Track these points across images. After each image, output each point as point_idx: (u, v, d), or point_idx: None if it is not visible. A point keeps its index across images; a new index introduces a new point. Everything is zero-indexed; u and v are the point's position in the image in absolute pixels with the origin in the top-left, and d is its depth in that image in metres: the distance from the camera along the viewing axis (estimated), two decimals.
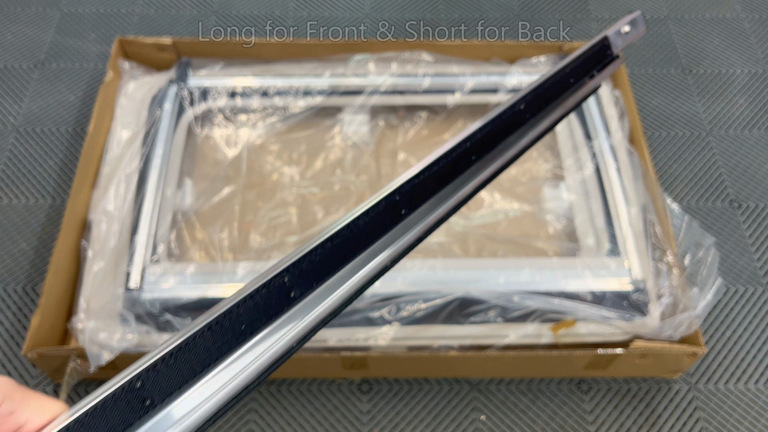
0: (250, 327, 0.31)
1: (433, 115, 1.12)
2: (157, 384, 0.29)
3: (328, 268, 0.34)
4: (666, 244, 0.91)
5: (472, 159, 0.42)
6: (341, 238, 0.34)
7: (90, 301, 0.84)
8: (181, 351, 0.29)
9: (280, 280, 0.32)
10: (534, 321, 0.85)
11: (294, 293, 0.33)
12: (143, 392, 0.28)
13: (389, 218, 0.38)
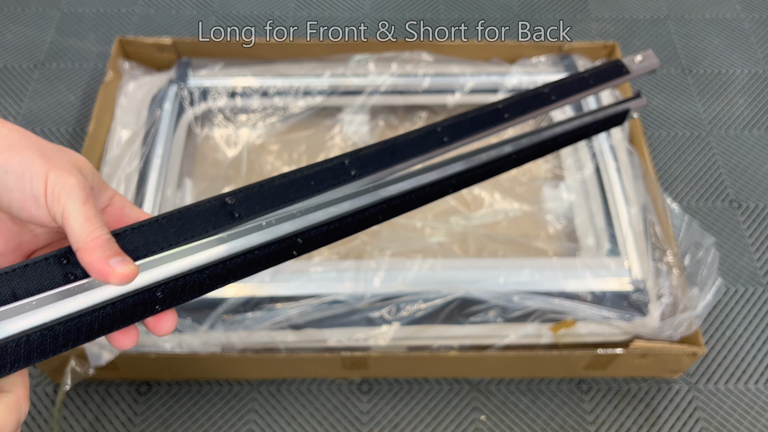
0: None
1: (433, 115, 1.12)
2: (245, 201, 0.35)
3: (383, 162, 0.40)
4: (666, 244, 0.91)
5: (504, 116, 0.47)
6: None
7: None
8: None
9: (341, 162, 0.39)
10: (534, 321, 0.85)
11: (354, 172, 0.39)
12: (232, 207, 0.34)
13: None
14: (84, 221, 0.29)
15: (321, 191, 0.38)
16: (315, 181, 0.39)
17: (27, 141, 0.30)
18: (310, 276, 0.87)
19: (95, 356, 0.80)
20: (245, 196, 0.36)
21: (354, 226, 0.40)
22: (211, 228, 0.34)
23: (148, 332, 0.82)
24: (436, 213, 1.01)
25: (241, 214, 0.35)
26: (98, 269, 0.29)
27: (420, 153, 0.43)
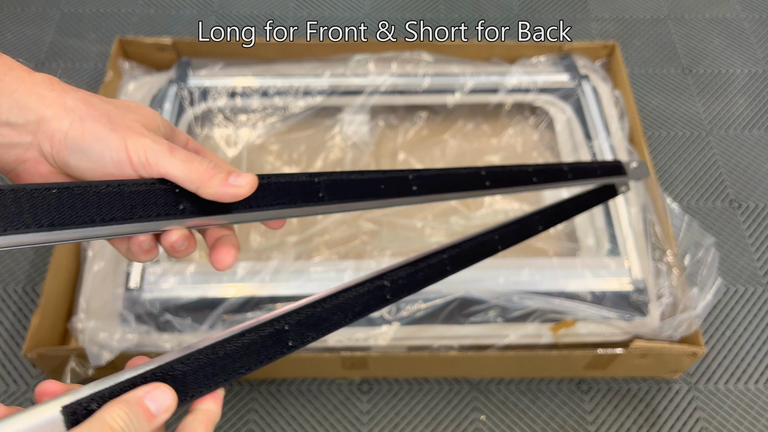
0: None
1: (433, 115, 1.12)
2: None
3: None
4: (666, 244, 0.91)
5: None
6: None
7: (90, 301, 0.85)
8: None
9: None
10: (534, 321, 0.85)
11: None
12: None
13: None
14: (184, 168, 0.31)
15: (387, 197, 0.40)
16: (384, 186, 0.40)
17: (94, 111, 0.31)
18: (310, 276, 0.87)
19: (95, 356, 0.80)
20: (331, 181, 0.38)
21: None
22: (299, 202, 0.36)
23: (149, 332, 0.82)
24: (436, 213, 1.01)
25: (326, 197, 0.37)
26: (224, 194, 0.31)
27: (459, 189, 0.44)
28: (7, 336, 0.94)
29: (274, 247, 0.97)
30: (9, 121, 0.30)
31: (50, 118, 0.30)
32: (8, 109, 0.29)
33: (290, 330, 0.34)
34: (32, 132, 0.30)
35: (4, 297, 0.98)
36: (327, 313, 0.36)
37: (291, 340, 0.34)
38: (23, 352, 0.80)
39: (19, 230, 0.27)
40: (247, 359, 0.33)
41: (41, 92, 0.30)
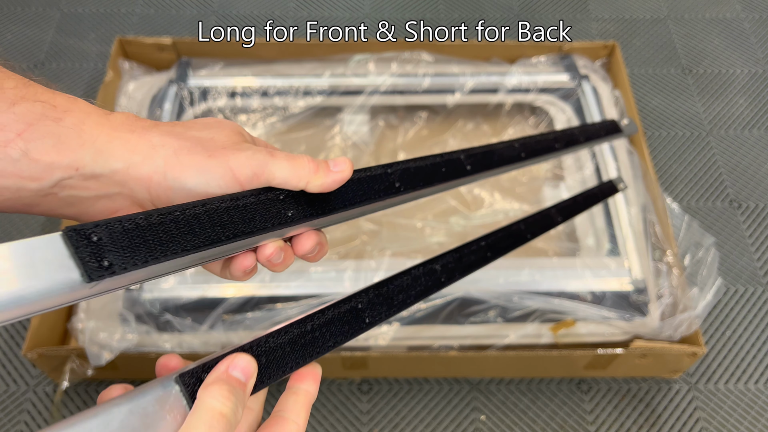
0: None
1: (433, 115, 1.12)
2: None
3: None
4: (666, 244, 0.91)
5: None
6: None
7: (90, 301, 0.85)
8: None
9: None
10: (534, 321, 0.85)
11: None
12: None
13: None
14: (289, 167, 0.30)
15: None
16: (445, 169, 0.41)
17: (184, 142, 0.29)
18: (310, 276, 0.87)
19: (95, 356, 0.80)
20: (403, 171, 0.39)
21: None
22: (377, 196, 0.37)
23: (149, 332, 0.82)
24: (436, 213, 1.01)
25: (401, 187, 0.38)
26: (331, 182, 0.31)
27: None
28: (7, 336, 0.94)
29: None
30: (94, 173, 0.28)
31: (139, 162, 0.28)
32: (92, 161, 0.28)
33: (364, 308, 0.36)
34: (120, 182, 0.29)
35: None
36: (392, 293, 0.38)
37: (367, 317, 0.36)
38: (23, 352, 0.80)
39: (146, 263, 0.26)
40: (332, 335, 0.34)
41: (123, 136, 0.29)
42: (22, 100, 0.26)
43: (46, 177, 0.27)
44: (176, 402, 0.27)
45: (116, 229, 0.26)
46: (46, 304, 0.24)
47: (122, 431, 0.25)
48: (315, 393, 0.32)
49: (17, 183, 0.26)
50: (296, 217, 0.32)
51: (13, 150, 0.26)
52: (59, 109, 0.27)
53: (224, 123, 0.32)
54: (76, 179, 0.28)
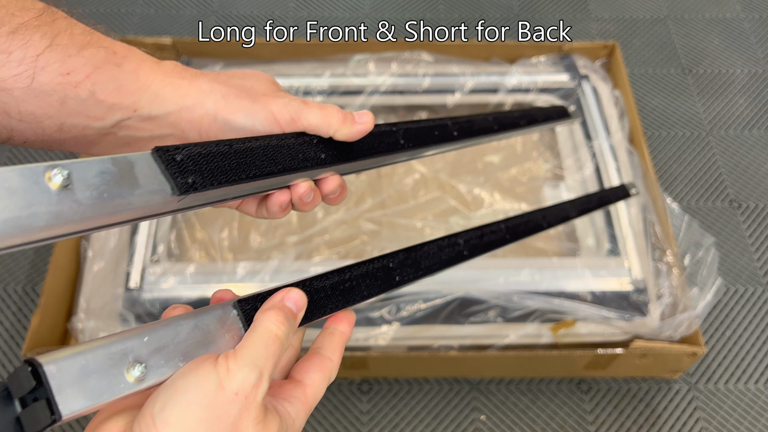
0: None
1: (433, 115, 1.12)
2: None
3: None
4: (666, 244, 0.91)
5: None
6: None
7: (90, 301, 0.85)
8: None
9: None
10: (534, 321, 0.85)
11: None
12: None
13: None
14: (321, 115, 0.34)
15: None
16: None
17: (230, 89, 0.33)
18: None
19: None
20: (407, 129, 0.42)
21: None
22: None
23: None
24: (436, 213, 1.01)
25: (405, 144, 0.41)
26: (356, 132, 0.35)
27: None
28: (7, 336, 0.94)
29: (274, 247, 0.97)
30: (150, 115, 0.31)
31: (191, 106, 0.31)
32: (148, 103, 0.30)
33: (395, 267, 0.39)
34: (172, 123, 0.31)
35: (4, 297, 0.98)
36: (420, 257, 0.41)
37: (397, 276, 0.39)
38: (23, 353, 0.80)
39: (220, 185, 0.30)
40: (367, 286, 0.37)
41: (175, 81, 0.31)
42: (89, 45, 0.29)
43: (108, 117, 0.30)
44: (233, 323, 0.31)
45: (194, 153, 0.29)
46: (145, 212, 0.28)
47: (188, 341, 0.29)
48: (349, 335, 0.35)
49: (84, 121, 0.29)
50: (327, 160, 0.36)
51: (82, 90, 0.28)
52: (119, 55, 0.30)
53: (260, 74, 0.35)
54: (134, 120, 0.31)
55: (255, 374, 0.27)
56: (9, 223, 0.24)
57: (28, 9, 0.27)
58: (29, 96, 0.27)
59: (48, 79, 0.27)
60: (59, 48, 0.28)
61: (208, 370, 0.26)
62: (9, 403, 0.25)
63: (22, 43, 0.27)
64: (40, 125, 0.28)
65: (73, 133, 0.29)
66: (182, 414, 0.25)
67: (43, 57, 0.27)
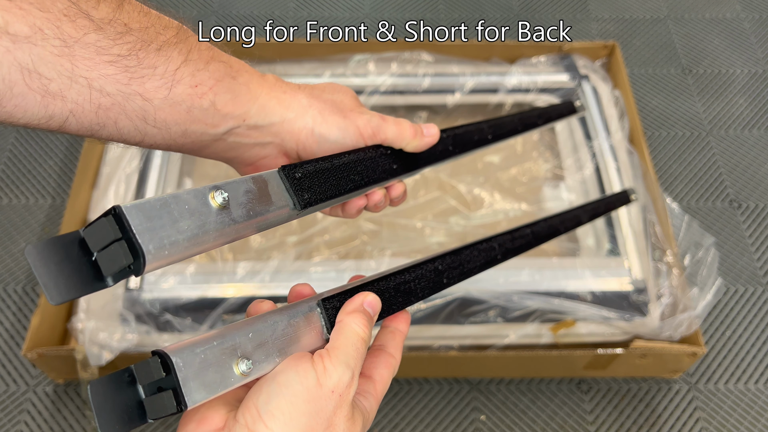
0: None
1: (433, 115, 1.12)
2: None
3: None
4: (666, 244, 0.91)
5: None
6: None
7: (90, 301, 0.85)
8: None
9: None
10: (534, 321, 0.85)
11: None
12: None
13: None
14: (396, 130, 0.38)
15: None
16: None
17: (324, 105, 0.36)
18: (310, 276, 0.87)
19: (95, 356, 0.80)
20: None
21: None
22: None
23: (149, 332, 0.82)
24: (436, 213, 1.01)
25: (455, 150, 0.46)
26: (424, 144, 0.40)
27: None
28: (7, 336, 0.94)
29: (274, 247, 0.97)
30: (257, 124, 0.34)
31: (292, 119, 0.35)
32: (256, 114, 0.34)
33: (443, 270, 0.41)
34: (275, 133, 0.35)
35: (4, 297, 0.98)
36: (464, 260, 0.43)
37: (445, 278, 0.41)
38: (23, 352, 0.80)
39: (328, 199, 0.35)
40: (421, 288, 0.39)
41: (278, 95, 0.35)
42: (212, 59, 0.33)
43: (222, 125, 0.33)
44: (317, 321, 0.33)
45: (309, 170, 0.35)
46: (274, 224, 0.33)
47: (283, 337, 0.31)
48: (407, 332, 0.37)
49: (202, 128, 0.32)
50: (398, 170, 0.41)
51: (205, 101, 0.32)
52: (234, 68, 0.34)
53: (344, 89, 0.39)
54: (243, 128, 0.34)
55: (348, 374, 0.29)
56: (191, 240, 0.28)
57: (169, 27, 0.31)
58: (165, 105, 0.30)
59: (181, 90, 0.31)
60: (192, 63, 0.31)
61: (307, 368, 0.29)
62: (133, 388, 0.27)
63: (165, 58, 0.30)
64: (169, 131, 0.31)
65: (192, 138, 0.33)
66: (286, 407, 0.28)
67: (180, 71, 0.31)
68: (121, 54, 0.28)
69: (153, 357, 0.27)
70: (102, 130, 0.30)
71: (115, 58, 0.28)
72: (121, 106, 0.29)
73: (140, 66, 0.29)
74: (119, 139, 0.31)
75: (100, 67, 0.28)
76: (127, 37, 0.29)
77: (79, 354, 0.81)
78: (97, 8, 0.28)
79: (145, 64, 0.29)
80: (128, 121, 0.30)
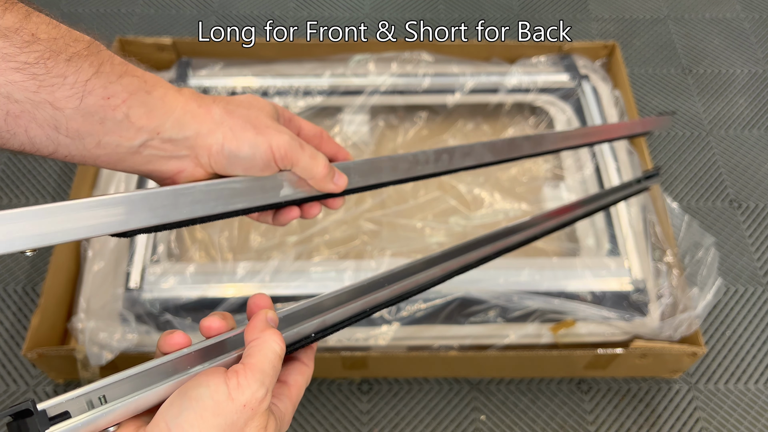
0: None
1: (433, 115, 1.12)
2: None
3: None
4: (666, 244, 0.91)
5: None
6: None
7: (90, 301, 0.85)
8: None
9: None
10: (534, 321, 0.85)
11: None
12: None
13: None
14: (310, 163, 0.39)
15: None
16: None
17: (238, 120, 0.37)
18: (310, 276, 0.87)
19: (95, 356, 0.80)
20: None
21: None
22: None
23: (149, 332, 0.82)
24: (436, 213, 1.01)
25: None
26: (327, 189, 0.41)
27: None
28: (7, 336, 0.94)
29: (274, 247, 0.97)
30: (171, 138, 0.35)
31: (205, 133, 0.36)
32: (171, 128, 0.35)
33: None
34: (190, 146, 0.36)
35: (4, 297, 0.98)
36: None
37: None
38: (23, 352, 0.80)
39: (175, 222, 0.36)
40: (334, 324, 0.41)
41: (192, 109, 0.36)
42: (126, 74, 0.33)
43: (136, 137, 0.34)
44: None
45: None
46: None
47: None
48: (316, 345, 0.39)
49: (117, 140, 0.33)
50: (310, 197, 0.42)
51: (119, 113, 0.32)
52: (149, 83, 0.34)
53: (263, 103, 0.39)
54: (157, 141, 0.35)
55: (263, 391, 0.30)
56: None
57: (80, 40, 0.31)
58: (77, 115, 0.31)
59: (93, 101, 0.31)
60: (104, 75, 0.32)
61: (219, 382, 0.29)
62: None
63: (75, 69, 0.30)
64: (82, 141, 0.32)
65: (107, 150, 0.33)
66: (195, 420, 0.28)
67: (91, 82, 0.31)
68: (29, 62, 0.29)
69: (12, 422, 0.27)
70: (13, 138, 0.30)
71: (22, 66, 0.29)
72: (31, 114, 0.30)
73: (49, 75, 0.30)
74: (32, 149, 0.31)
75: (6, 73, 0.28)
76: (35, 46, 0.29)
77: (79, 354, 0.81)
78: (2, 17, 0.29)
79: (54, 73, 0.30)
80: (40, 130, 0.31)
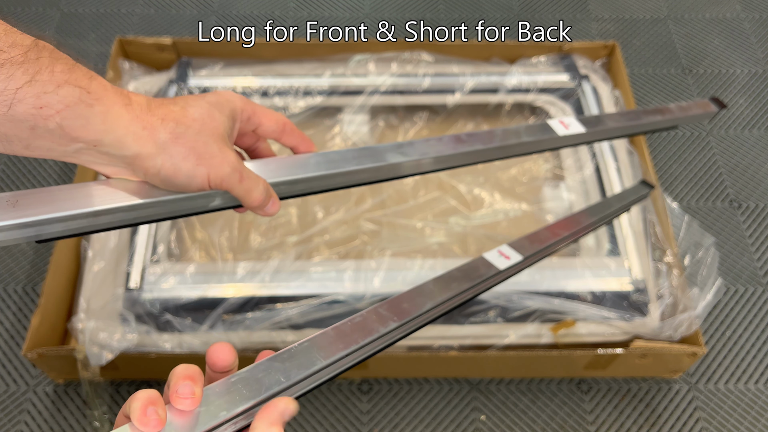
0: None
1: (433, 115, 1.12)
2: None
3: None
4: (666, 244, 0.91)
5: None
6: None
7: (90, 301, 0.85)
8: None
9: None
10: (534, 321, 0.85)
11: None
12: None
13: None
14: (244, 193, 0.39)
15: None
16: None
17: (181, 148, 0.36)
18: (311, 276, 0.87)
19: (96, 356, 0.80)
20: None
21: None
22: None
23: (149, 332, 0.82)
24: (436, 213, 1.01)
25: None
26: (261, 214, 0.41)
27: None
28: (7, 336, 0.94)
29: (274, 247, 0.97)
30: (109, 153, 0.35)
31: (145, 156, 0.36)
32: (110, 145, 0.34)
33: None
34: (127, 163, 0.36)
35: (4, 297, 0.98)
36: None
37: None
38: (23, 352, 0.80)
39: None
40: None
41: (136, 131, 0.35)
42: (66, 83, 0.32)
43: (71, 145, 0.33)
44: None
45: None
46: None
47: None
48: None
49: (49, 145, 0.33)
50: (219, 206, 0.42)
51: (51, 123, 0.32)
52: (93, 96, 0.33)
53: (219, 119, 0.39)
54: (94, 152, 0.35)
55: None
56: None
57: (17, 45, 0.30)
58: (4, 120, 0.31)
59: (22, 110, 0.31)
60: (38, 84, 0.31)
61: None
62: None
63: (6, 76, 0.30)
64: (10, 143, 0.32)
65: (38, 152, 0.33)
66: None
67: (22, 91, 0.30)
68: None
69: None
70: None
71: None
72: None
73: None
74: None
75: None
76: None
77: (79, 354, 0.81)
78: None
79: None
80: None
